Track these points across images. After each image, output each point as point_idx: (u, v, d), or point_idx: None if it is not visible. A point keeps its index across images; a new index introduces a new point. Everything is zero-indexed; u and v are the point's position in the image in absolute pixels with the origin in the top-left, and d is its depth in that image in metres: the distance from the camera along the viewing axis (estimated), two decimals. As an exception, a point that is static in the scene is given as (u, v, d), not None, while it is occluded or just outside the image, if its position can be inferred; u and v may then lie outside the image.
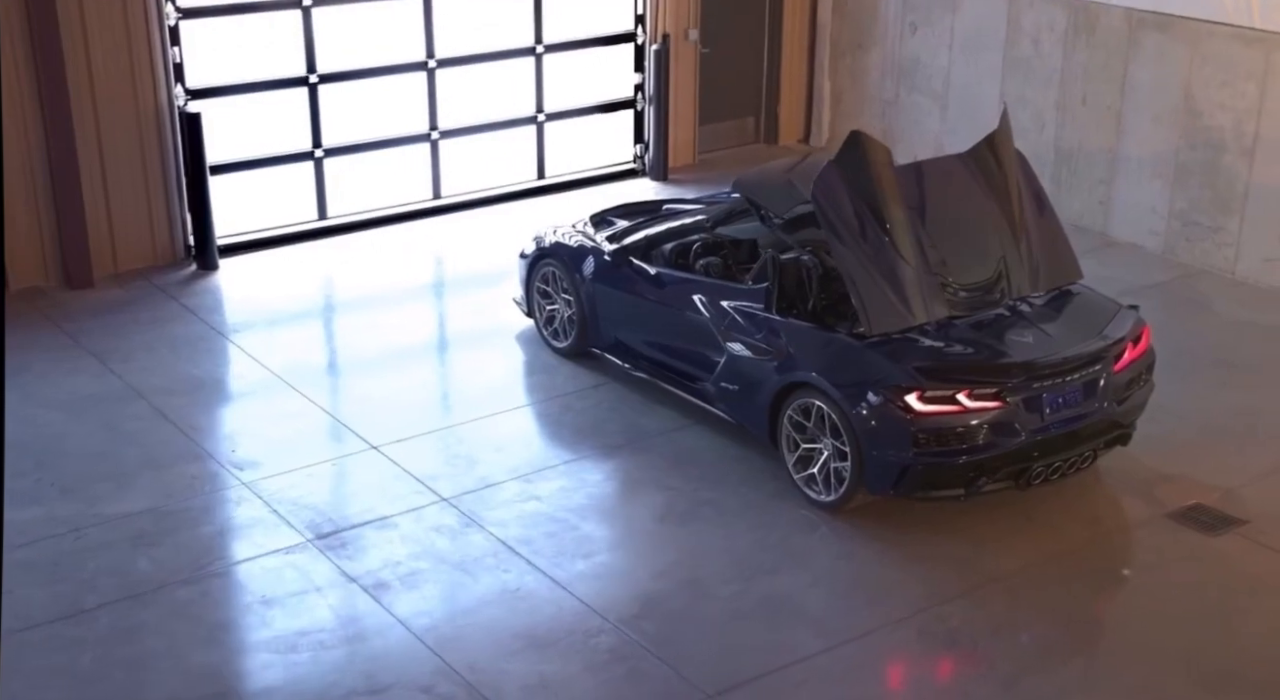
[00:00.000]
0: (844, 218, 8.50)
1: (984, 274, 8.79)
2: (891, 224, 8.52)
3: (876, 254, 8.48)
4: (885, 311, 8.44)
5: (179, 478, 9.11)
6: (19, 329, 11.08)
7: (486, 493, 8.96)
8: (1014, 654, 7.51)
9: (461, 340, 11.34)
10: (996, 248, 8.84)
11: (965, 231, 8.81)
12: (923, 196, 8.74)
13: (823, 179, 8.59)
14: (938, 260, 8.62)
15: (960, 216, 8.84)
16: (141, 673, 7.32)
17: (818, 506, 8.73)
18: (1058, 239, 9.16)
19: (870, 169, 8.57)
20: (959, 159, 9.09)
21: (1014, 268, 8.84)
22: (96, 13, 11.41)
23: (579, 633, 7.65)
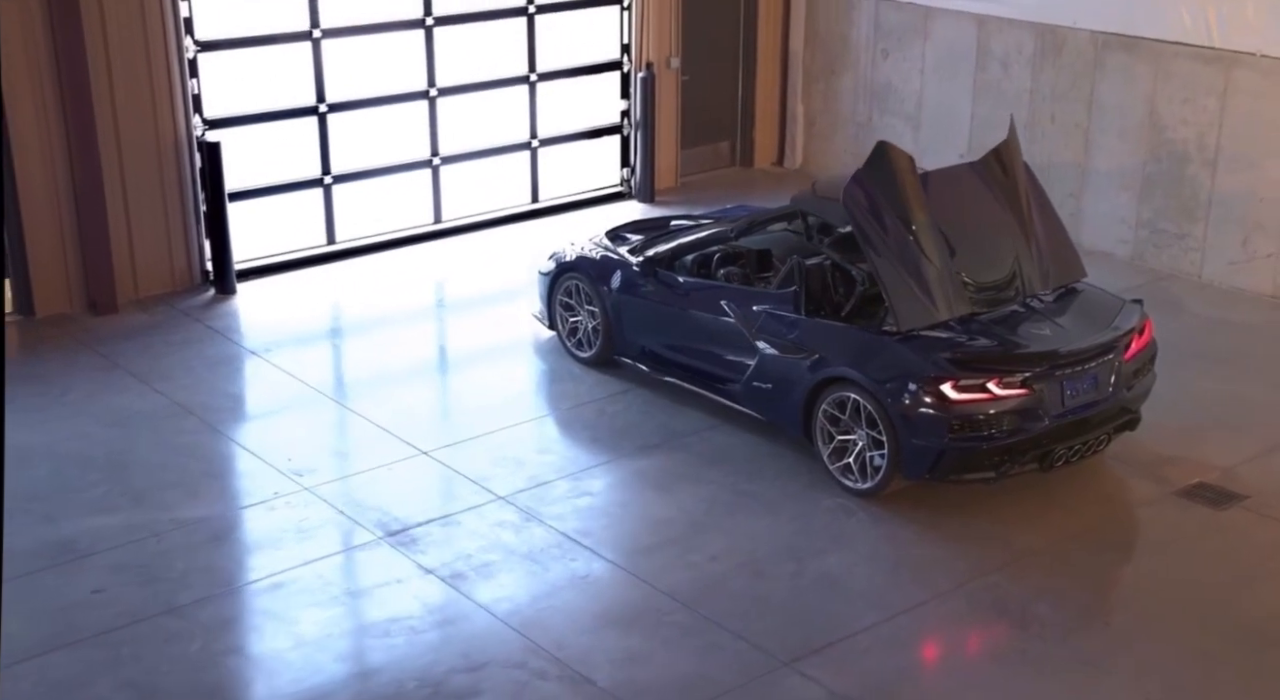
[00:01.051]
0: (873, 223, 9.15)
1: (999, 273, 9.47)
2: (916, 228, 9.18)
3: (904, 256, 9.13)
4: (914, 309, 9.08)
5: (243, 484, 9.54)
6: (56, 353, 11.43)
7: (539, 491, 9.47)
8: (1057, 617, 8.15)
9: (484, 353, 11.83)
10: (1009, 249, 9.53)
11: (981, 234, 9.49)
12: (942, 202, 9.41)
13: (852, 188, 9.24)
14: (958, 261, 9.27)
15: (976, 220, 9.53)
16: (248, 659, 7.74)
17: (853, 494, 9.32)
18: (1063, 240, 9.88)
19: (895, 176, 9.23)
20: (971, 167, 9.78)
21: (1026, 267, 9.53)
22: (120, 46, 11.81)
23: (652, 612, 8.18)
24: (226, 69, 12.55)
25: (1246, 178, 12.62)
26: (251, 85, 12.77)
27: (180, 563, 8.60)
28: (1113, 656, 7.81)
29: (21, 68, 11.40)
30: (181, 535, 8.90)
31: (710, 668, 7.69)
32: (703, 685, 7.54)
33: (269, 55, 12.79)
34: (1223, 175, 12.77)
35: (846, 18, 15.34)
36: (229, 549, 8.80)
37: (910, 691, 7.64)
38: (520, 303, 12.28)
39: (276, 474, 9.66)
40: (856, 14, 15.24)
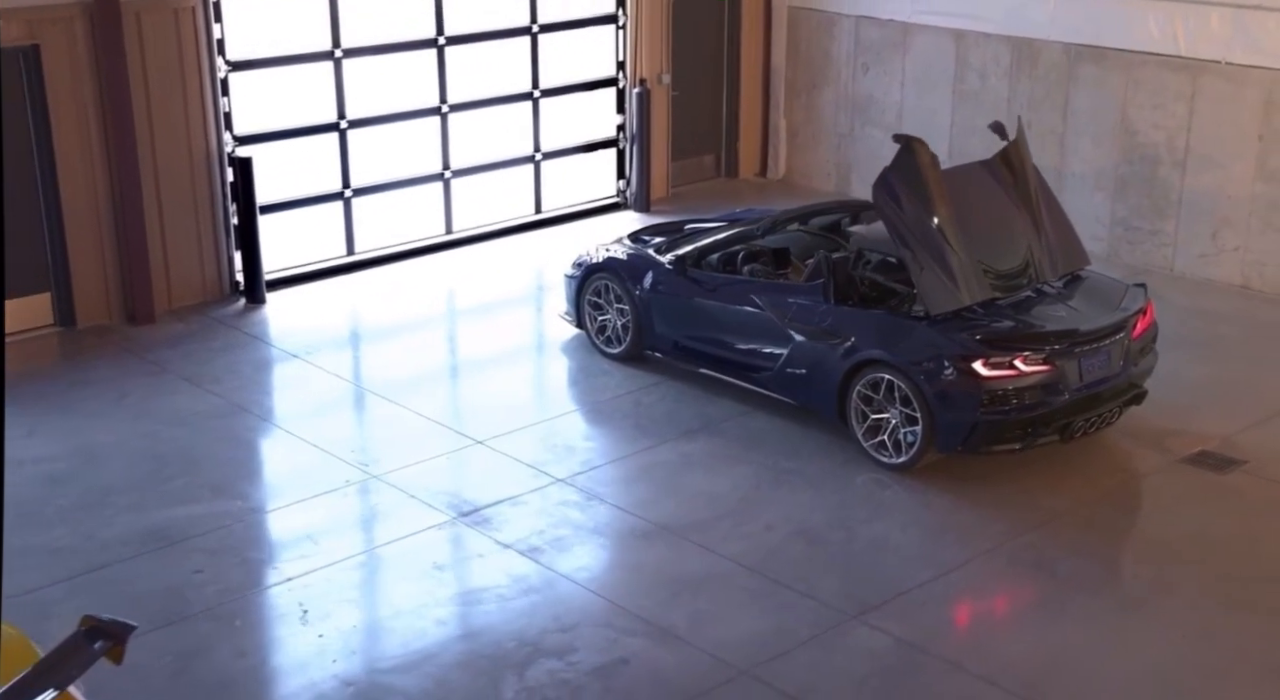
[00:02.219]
0: (902, 216, 9.91)
1: (1014, 262, 10.26)
2: (940, 220, 9.95)
3: (931, 246, 9.89)
4: (942, 295, 9.84)
5: (313, 474, 10.09)
6: (104, 360, 11.92)
7: (594, 473, 10.11)
8: (1091, 571, 8.92)
9: (514, 352, 12.45)
10: (1022, 239, 10.32)
11: (996, 226, 10.28)
12: (960, 196, 10.18)
13: (881, 183, 9.99)
14: (977, 250, 10.04)
15: (991, 213, 10.32)
16: (354, 628, 8.31)
17: (887, 469, 10.05)
18: (1068, 231, 10.70)
19: (920, 172, 10.00)
20: (984, 164, 10.57)
21: (1037, 255, 10.33)
22: (157, 67, 12.34)
23: (719, 577, 8.84)
24: (254, 87, 13.07)
25: (1214, 177, 13.54)
26: (276, 103, 13.28)
27: (269, 545, 9.15)
28: (1145, 604, 8.57)
29: (67, 87, 11.90)
30: (265, 521, 9.44)
31: (783, 622, 8.36)
32: (779, 638, 8.20)
33: (293, 74, 13.32)
34: (1192, 175, 13.68)
35: (828, 34, 16.16)
36: (313, 532, 9.35)
37: (969, 638, 8.37)
38: (537, 306, 12.91)
39: (343, 464, 10.22)
40: (837, 30, 16.06)
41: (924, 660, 8.05)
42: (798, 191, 16.15)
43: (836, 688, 7.76)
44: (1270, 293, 13.36)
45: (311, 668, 7.94)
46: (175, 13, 12.35)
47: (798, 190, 16.31)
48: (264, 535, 9.28)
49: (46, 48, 11.76)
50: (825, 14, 16.13)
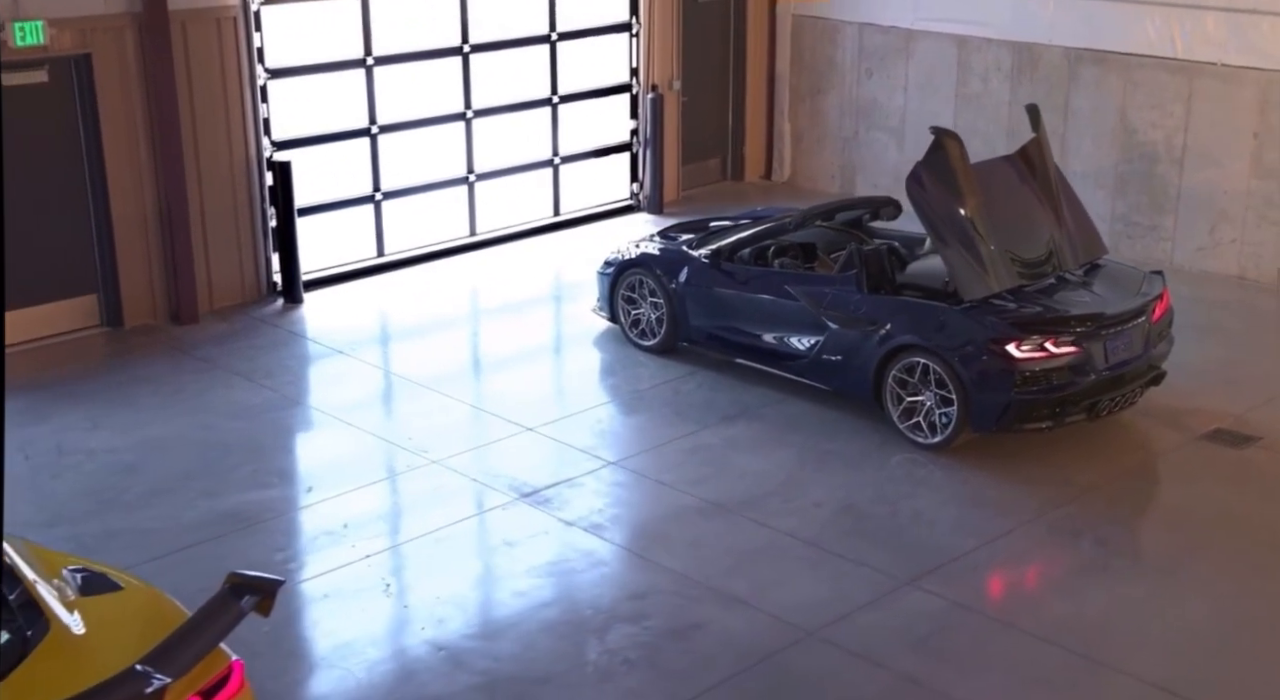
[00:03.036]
0: (936, 207, 10.45)
1: (1038, 251, 10.82)
2: (971, 211, 10.49)
3: (963, 236, 10.43)
4: (974, 282, 10.39)
5: (374, 461, 10.53)
6: (156, 358, 12.32)
7: (644, 456, 10.60)
8: (1126, 537, 9.49)
9: (551, 345, 12.93)
10: (1045, 229, 10.88)
11: (1021, 217, 10.84)
12: (989, 188, 10.74)
13: (915, 177, 10.54)
14: (1004, 240, 10.59)
15: (1016, 205, 10.87)
16: (437, 599, 8.75)
17: (923, 448, 10.57)
18: (1086, 222, 11.27)
19: (951, 164, 10.54)
20: (1007, 159, 11.13)
21: (1060, 245, 10.89)
22: (200, 75, 12.76)
23: (775, 548, 9.34)
24: (290, 94, 13.51)
25: (1211, 174, 14.16)
26: (310, 109, 13.72)
27: (342, 527, 9.58)
28: (1181, 566, 9.12)
29: (117, 94, 12.31)
30: (334, 505, 9.87)
31: (841, 589, 8.86)
32: (839, 602, 8.70)
33: (327, 81, 13.76)
34: (1189, 172, 14.30)
35: (832, 41, 16.72)
36: (383, 513, 9.80)
37: (1019, 599, 8.91)
38: (564, 303, 13.45)
39: (402, 451, 10.67)
40: (841, 37, 16.62)
41: (978, 621, 8.58)
42: (803, 193, 16.68)
43: (899, 647, 8.26)
44: (1266, 282, 13.98)
45: (402, 635, 8.38)
46: (218, 22, 12.77)
47: (803, 192, 16.84)
48: (337, 516, 9.70)
49: (98, 56, 12.16)
50: (829, 22, 16.70)
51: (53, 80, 12.10)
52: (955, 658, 8.20)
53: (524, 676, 7.97)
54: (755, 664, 8.09)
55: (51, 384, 11.73)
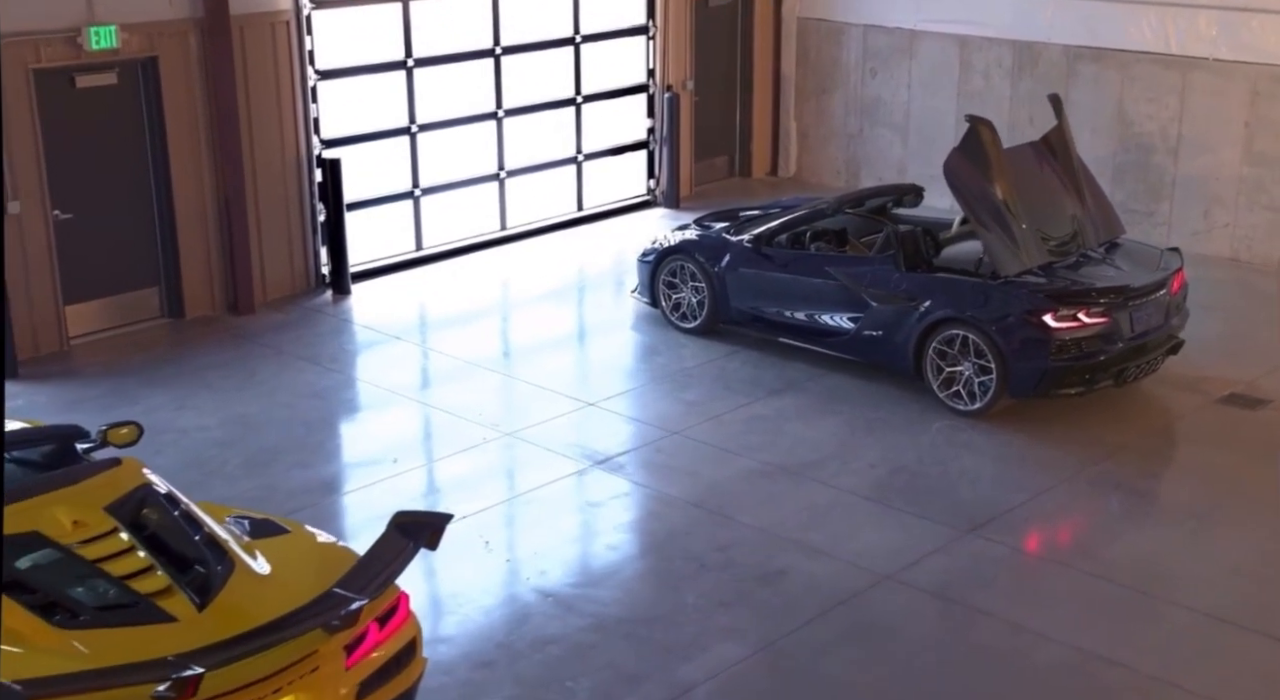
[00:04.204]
0: (972, 190, 11.24)
1: (1065, 230, 11.64)
2: (1004, 193, 11.29)
3: (997, 216, 11.23)
4: (1009, 259, 11.19)
5: (450, 434, 11.19)
6: (224, 345, 12.93)
7: (701, 426, 11.31)
8: (1162, 489, 10.32)
9: (594, 329, 13.63)
10: (1069, 210, 11.71)
11: (1048, 199, 11.66)
12: (1018, 172, 11.54)
13: (951, 162, 11.33)
14: (1033, 219, 11.40)
15: (1042, 188, 11.69)
16: (532, 552, 9.42)
17: (962, 415, 11.35)
18: (1106, 204, 12.10)
19: (986, 150, 11.34)
20: (1034, 145, 11.95)
21: (1083, 224, 11.72)
22: (256, 76, 13.37)
23: (841, 505, 10.09)
24: (337, 95, 14.16)
25: (1205, 162, 15.06)
26: (354, 109, 14.37)
27: (433, 491, 10.25)
28: (1215, 514, 9.94)
29: (181, 96, 12.91)
30: (420, 474, 10.54)
31: (909, 538, 9.61)
32: (909, 549, 9.45)
33: (370, 83, 14.42)
34: (1184, 161, 15.19)
35: (836, 42, 17.53)
36: (469, 480, 10.45)
37: (1072, 544, 9.69)
38: (600, 290, 14.20)
39: (474, 426, 11.33)
40: (846, 38, 17.44)
41: (1037, 563, 9.37)
42: (809, 188, 17.43)
43: (970, 586, 9.02)
44: (1258, 263, 14.88)
45: (510, 585, 9.06)
46: (272, 26, 13.40)
47: (809, 187, 17.60)
48: (425, 484, 10.36)
49: (164, 59, 12.76)
50: (834, 24, 17.50)
51: (121, 82, 12.67)
52: (1021, 595, 8.97)
53: (630, 618, 8.66)
54: (841, 603, 8.82)
55: (129, 371, 12.30)
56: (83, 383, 12.05)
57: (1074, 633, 8.48)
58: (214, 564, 6.97)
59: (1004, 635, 8.51)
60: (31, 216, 12.19)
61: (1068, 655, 8.28)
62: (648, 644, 8.40)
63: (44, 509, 7.05)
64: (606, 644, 8.41)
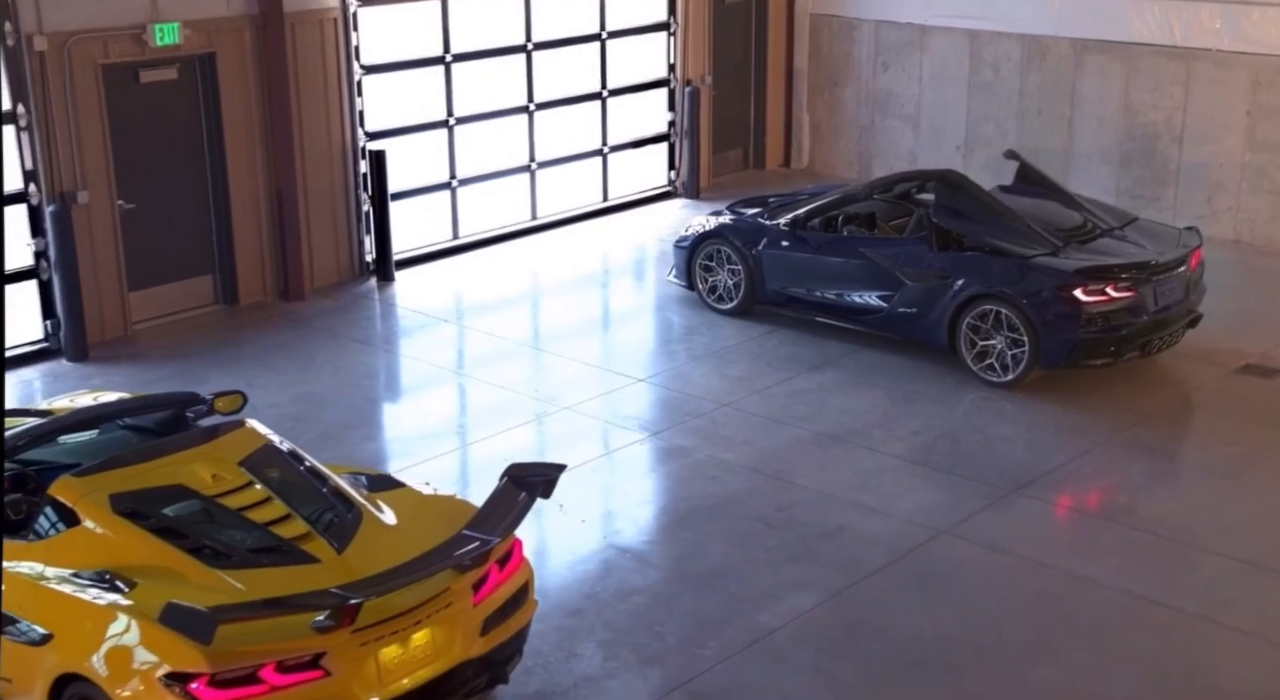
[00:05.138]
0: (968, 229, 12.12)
1: (1075, 221, 12.39)
2: (997, 212, 12.14)
3: (1001, 232, 11.96)
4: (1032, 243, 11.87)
5: (510, 409, 11.73)
6: (281, 330, 13.46)
7: (750, 398, 11.91)
8: (1191, 451, 11.00)
9: (633, 312, 14.22)
10: (1074, 209, 12.54)
11: (1051, 210, 12.51)
12: (1008, 200, 12.40)
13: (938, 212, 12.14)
14: (1045, 221, 12.16)
15: (1042, 203, 12.63)
16: (607, 511, 10.00)
17: (996, 386, 11.97)
18: (1106, 205, 12.92)
19: (970, 197, 12.20)
20: (1010, 185, 12.88)
21: (1092, 213, 12.46)
22: (306, 71, 13.90)
23: (892, 468, 10.70)
24: (380, 89, 14.72)
25: (1208, 149, 15.75)
26: (395, 102, 14.92)
27: (501, 461, 10.69)
28: (1243, 472, 10.60)
29: (237, 90, 13.44)
30: (489, 445, 11.08)
31: (958, 497, 10.23)
32: (959, 507, 10.07)
33: (410, 77, 14.98)
34: (1188, 148, 15.88)
35: (848, 38, 18.17)
36: (535, 450, 11.01)
37: (1113, 500, 10.32)
38: (634, 276, 14.80)
39: (532, 401, 11.91)
40: (858, 34, 18.08)
41: (1081, 518, 10.01)
42: (822, 180, 18.04)
43: (1020, 539, 9.64)
44: (1260, 245, 15.58)
45: (589, 542, 9.64)
46: (320, 23, 13.94)
47: (822, 178, 18.20)
48: (492, 454, 10.89)
49: (221, 55, 13.28)
50: (846, 19, 18.14)
51: (181, 77, 13.19)
52: (1069, 546, 9.61)
53: (705, 571, 9.25)
54: (901, 556, 9.43)
55: (193, 353, 12.82)
56: (151, 365, 12.55)
57: (1121, 578, 9.11)
58: (344, 512, 7.53)
59: (1057, 582, 9.13)
60: (99, 206, 12.68)
61: (1118, 598, 8.91)
62: (724, 594, 8.98)
63: (184, 465, 7.60)
64: (686, 594, 8.99)
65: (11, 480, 8.02)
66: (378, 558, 7.13)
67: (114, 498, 7.27)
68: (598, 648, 8.43)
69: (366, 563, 7.08)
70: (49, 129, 12.20)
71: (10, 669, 7.08)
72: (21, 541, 7.33)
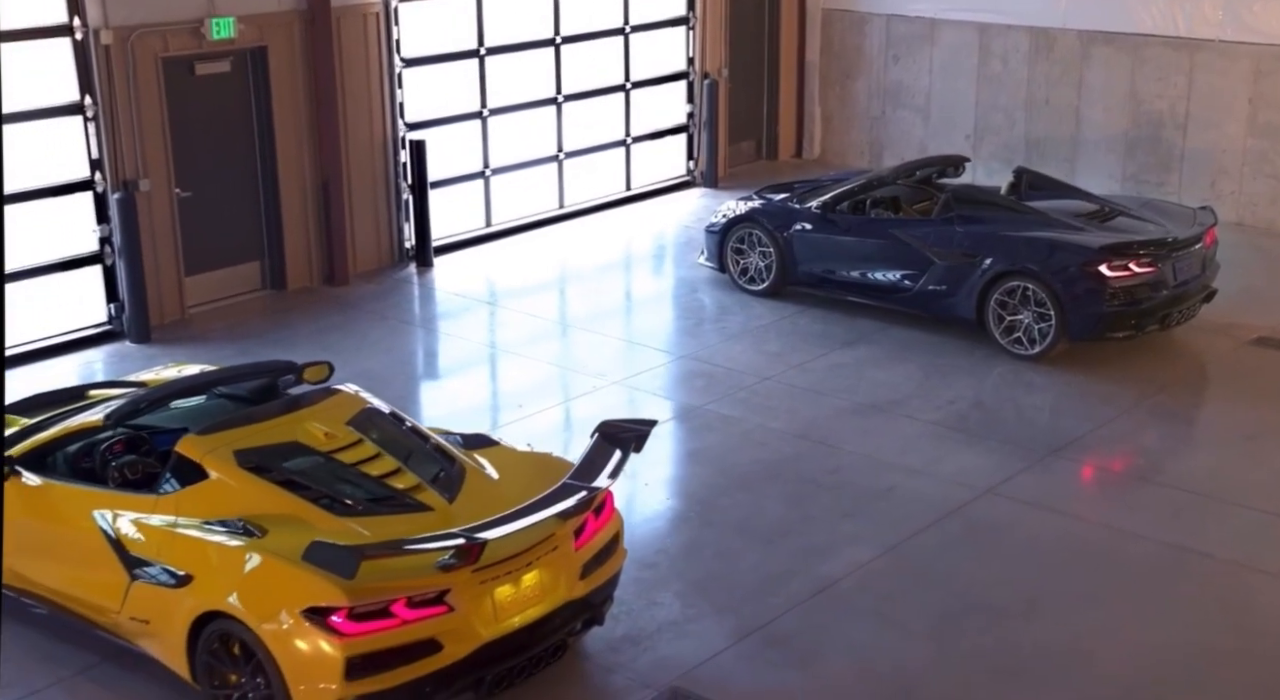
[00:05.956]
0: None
1: (1091, 208, 13.00)
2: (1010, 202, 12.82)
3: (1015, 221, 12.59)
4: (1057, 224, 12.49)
5: (570, 383, 12.31)
6: (331, 312, 13.98)
7: (790, 373, 12.49)
8: (1214, 416, 11.65)
9: (667, 293, 14.75)
10: (1086, 199, 13.12)
11: (1060, 200, 13.09)
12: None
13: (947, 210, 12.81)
14: (1063, 210, 12.80)
15: (1055, 197, 13.13)
16: (668, 476, 10.57)
17: (1023, 359, 12.58)
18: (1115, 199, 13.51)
19: (985, 192, 12.87)
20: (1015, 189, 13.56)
21: (1106, 200, 13.07)
22: (350, 63, 14.42)
23: (931, 434, 11.29)
24: (418, 81, 15.26)
25: (1211, 135, 16.40)
26: (430, 94, 15.46)
27: (566, 430, 11.37)
28: (1263, 434, 11.23)
29: (286, 82, 13.95)
30: (549, 416, 11.66)
31: (998, 460, 10.82)
32: (1000, 469, 10.66)
33: (446, 70, 15.52)
34: (1192, 135, 16.53)
35: (860, 31, 18.78)
36: (593, 420, 11.40)
37: (1142, 461, 10.94)
38: (663, 260, 15.38)
39: (581, 375, 12.47)
40: (869, 28, 18.69)
41: (1115, 478, 10.64)
42: (834, 169, 18.61)
43: (1060, 497, 10.25)
44: (1262, 227, 16.25)
45: (653, 503, 10.21)
46: (364, 17, 14.47)
47: (833, 168, 18.76)
48: (553, 425, 11.46)
49: (272, 48, 13.79)
50: (857, 14, 18.75)
51: (234, 70, 13.70)
52: (1107, 503, 10.23)
53: (766, 526, 9.83)
54: (949, 513, 10.02)
55: (250, 335, 13.33)
56: (211, 346, 13.05)
57: (1159, 531, 9.72)
58: (448, 466, 8.08)
59: (1099, 535, 9.74)
60: (159, 194, 13.18)
61: (1158, 549, 9.52)
62: (786, 548, 9.56)
63: (297, 424, 8.14)
64: (751, 548, 9.56)
65: (126, 442, 8.54)
66: (485, 507, 7.66)
67: (238, 453, 7.80)
68: (675, 597, 8.98)
69: (476, 512, 7.61)
70: (114, 119, 12.69)
71: (148, 611, 7.60)
72: (151, 496, 7.85)
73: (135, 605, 7.67)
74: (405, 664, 7.07)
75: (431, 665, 7.14)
